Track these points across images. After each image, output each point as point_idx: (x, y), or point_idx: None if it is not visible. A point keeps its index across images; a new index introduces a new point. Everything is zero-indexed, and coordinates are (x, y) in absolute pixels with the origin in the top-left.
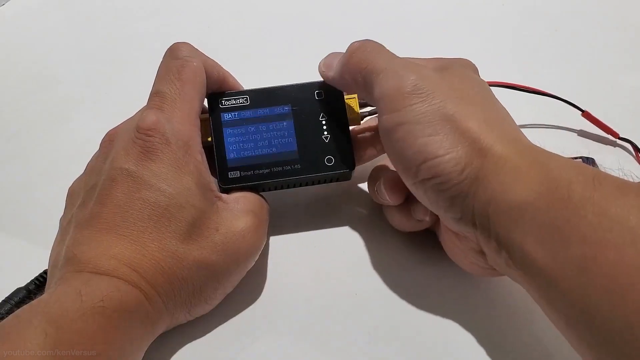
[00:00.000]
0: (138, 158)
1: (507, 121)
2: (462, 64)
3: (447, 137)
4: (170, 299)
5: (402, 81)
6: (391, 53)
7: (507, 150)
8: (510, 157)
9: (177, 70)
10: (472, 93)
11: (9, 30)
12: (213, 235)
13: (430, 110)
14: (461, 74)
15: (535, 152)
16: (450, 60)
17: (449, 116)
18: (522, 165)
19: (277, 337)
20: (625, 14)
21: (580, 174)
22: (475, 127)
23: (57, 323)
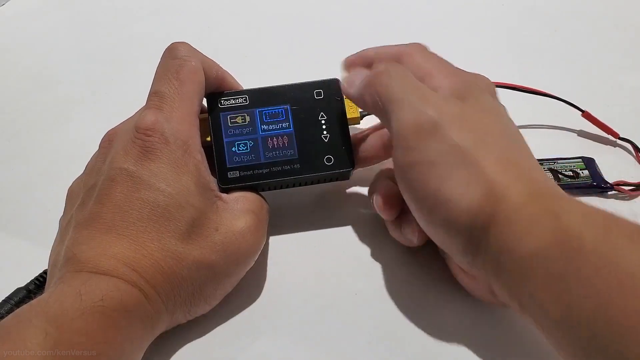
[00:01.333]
0: (137, 158)
1: (524, 155)
2: (481, 87)
3: (462, 180)
4: (170, 298)
5: (419, 117)
6: (414, 82)
7: (521, 197)
8: (524, 204)
9: (175, 70)
10: (491, 127)
11: (9, 30)
12: (213, 235)
13: (446, 150)
14: (481, 104)
15: (548, 195)
16: (469, 83)
17: (466, 157)
18: (534, 214)
19: (277, 337)
20: (625, 14)
21: (591, 223)
22: (492, 168)
23: (57, 322)
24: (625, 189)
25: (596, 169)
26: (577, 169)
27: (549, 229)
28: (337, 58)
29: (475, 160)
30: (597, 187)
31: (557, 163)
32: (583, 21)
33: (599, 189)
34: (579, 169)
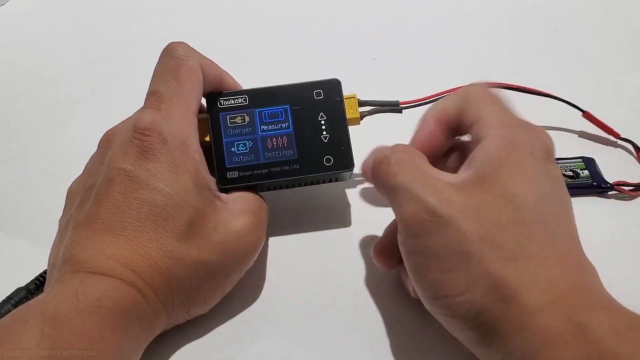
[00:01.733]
0: (135, 158)
1: (550, 253)
2: (521, 150)
3: (462, 277)
4: (168, 298)
5: (419, 206)
6: (418, 162)
7: (536, 302)
8: (539, 310)
9: (173, 70)
10: (509, 217)
11: (9, 30)
12: (211, 234)
13: (445, 244)
14: (508, 184)
15: (573, 299)
16: (509, 146)
17: (467, 253)
18: (553, 325)
19: (276, 337)
20: (625, 14)
21: (626, 342)
22: (498, 268)
23: (54, 322)
24: (625, 189)
25: (596, 169)
26: (577, 169)
27: (574, 347)
28: (337, 58)
29: (480, 257)
30: (597, 187)
31: (557, 163)
32: (583, 21)
33: (599, 189)
34: (579, 169)
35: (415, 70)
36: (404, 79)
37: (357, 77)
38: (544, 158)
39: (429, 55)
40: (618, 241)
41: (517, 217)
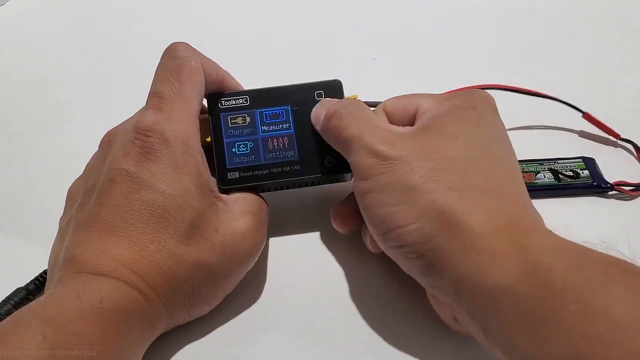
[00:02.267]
0: (137, 158)
1: (494, 185)
2: (463, 106)
3: (411, 208)
4: (170, 299)
5: (369, 150)
6: (367, 115)
7: (481, 226)
8: (484, 234)
9: (175, 71)
10: (454, 153)
11: (9, 30)
12: (212, 236)
13: (394, 180)
14: (451, 128)
15: (517, 227)
16: (451, 105)
17: (414, 186)
18: (498, 246)
19: (277, 338)
20: (625, 14)
21: (562, 258)
22: (444, 197)
23: (55, 324)
24: (625, 189)
25: (596, 169)
26: (577, 169)
27: (516, 263)
28: (337, 58)
29: (425, 190)
30: (597, 187)
31: (558, 163)
32: (583, 21)
33: (599, 189)
34: (580, 169)
35: (415, 70)
36: (404, 79)
37: (357, 77)
38: (486, 110)
39: (429, 55)
40: (618, 241)
41: (462, 152)
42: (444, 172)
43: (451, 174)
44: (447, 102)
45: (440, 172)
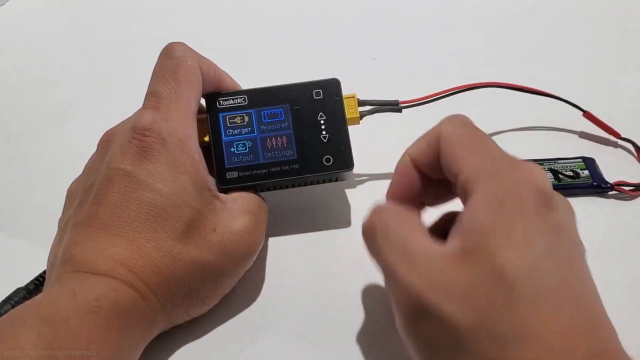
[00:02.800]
0: (134, 158)
1: (554, 325)
2: (512, 209)
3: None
4: (167, 299)
5: (408, 293)
6: (403, 237)
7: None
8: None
9: (172, 70)
10: (502, 295)
11: (9, 30)
12: (210, 235)
13: (440, 334)
14: (495, 254)
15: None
16: (494, 215)
17: (464, 345)
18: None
19: (276, 337)
20: (625, 14)
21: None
22: (498, 354)
23: (51, 323)
24: (625, 189)
25: (596, 169)
26: (577, 169)
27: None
28: (337, 58)
29: (476, 346)
30: (597, 187)
31: (558, 163)
32: (583, 21)
33: (599, 189)
34: (580, 169)
35: (415, 70)
36: (404, 79)
37: (357, 77)
38: (537, 207)
39: (429, 55)
40: (618, 241)
41: (511, 296)
42: (493, 324)
43: (502, 327)
44: (490, 192)
45: (489, 326)
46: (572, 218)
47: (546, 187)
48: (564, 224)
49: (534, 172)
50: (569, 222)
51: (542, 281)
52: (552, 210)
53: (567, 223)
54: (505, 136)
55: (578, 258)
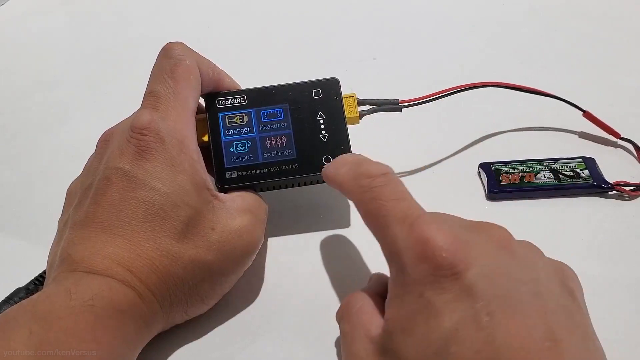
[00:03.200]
0: (133, 157)
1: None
2: (410, 304)
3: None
4: (166, 298)
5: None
6: (360, 318)
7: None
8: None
9: (170, 70)
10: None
11: (9, 30)
12: (209, 234)
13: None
14: (400, 353)
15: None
16: (397, 311)
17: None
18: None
19: (276, 337)
20: (625, 14)
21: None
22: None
23: (44, 321)
24: (625, 189)
25: (597, 169)
26: (577, 169)
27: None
28: (337, 58)
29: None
30: (597, 187)
31: (558, 163)
32: (583, 21)
33: (600, 189)
34: (580, 169)
35: (415, 70)
36: (404, 79)
37: (357, 77)
38: (433, 284)
39: (429, 55)
40: (618, 241)
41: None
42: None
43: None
44: (396, 287)
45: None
46: (485, 276)
47: (445, 248)
48: (474, 284)
49: (430, 237)
50: (483, 280)
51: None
52: (458, 275)
53: (478, 282)
54: (505, 136)
55: (493, 316)
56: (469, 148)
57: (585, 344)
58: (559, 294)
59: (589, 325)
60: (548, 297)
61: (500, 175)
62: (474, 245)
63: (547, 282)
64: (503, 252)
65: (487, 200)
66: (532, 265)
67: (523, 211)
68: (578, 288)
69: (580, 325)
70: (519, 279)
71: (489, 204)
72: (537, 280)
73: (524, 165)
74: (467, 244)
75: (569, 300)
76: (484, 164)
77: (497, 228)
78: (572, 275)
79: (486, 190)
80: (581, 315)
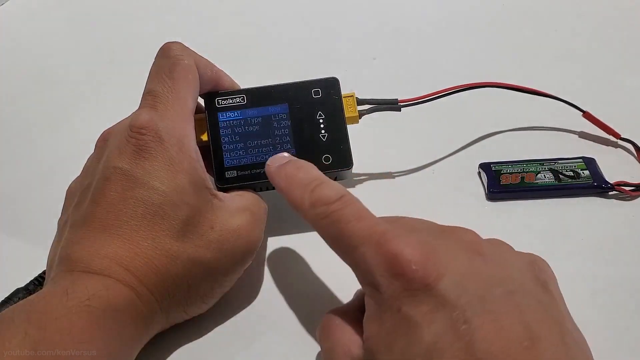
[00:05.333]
0: (131, 157)
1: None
2: (382, 319)
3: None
4: (165, 298)
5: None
6: (335, 344)
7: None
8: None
9: (168, 69)
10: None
11: (9, 30)
12: (208, 232)
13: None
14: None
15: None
16: (374, 330)
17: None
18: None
19: (275, 337)
20: (625, 14)
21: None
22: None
23: (40, 322)
24: (626, 189)
25: (597, 169)
26: (577, 169)
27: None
28: (337, 58)
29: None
30: (597, 187)
31: (558, 163)
32: (583, 21)
33: (600, 189)
34: (580, 169)
35: (415, 70)
36: (404, 79)
37: (357, 77)
38: (408, 298)
39: (429, 55)
40: (618, 241)
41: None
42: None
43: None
44: (385, 293)
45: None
46: (457, 283)
47: (415, 260)
48: (447, 293)
49: (397, 252)
50: (456, 287)
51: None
52: (431, 286)
53: (451, 291)
54: (505, 136)
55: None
56: (469, 148)
57: (563, 338)
58: (533, 289)
59: (566, 317)
60: (522, 294)
61: (501, 175)
62: (443, 252)
63: (520, 278)
64: (473, 255)
65: (487, 200)
66: (503, 263)
67: (523, 211)
68: (551, 279)
69: (558, 320)
70: (491, 281)
71: (489, 204)
72: (510, 279)
73: (524, 165)
74: (435, 253)
75: (544, 295)
76: (484, 164)
77: (464, 231)
78: (544, 267)
79: (486, 190)
80: (557, 309)
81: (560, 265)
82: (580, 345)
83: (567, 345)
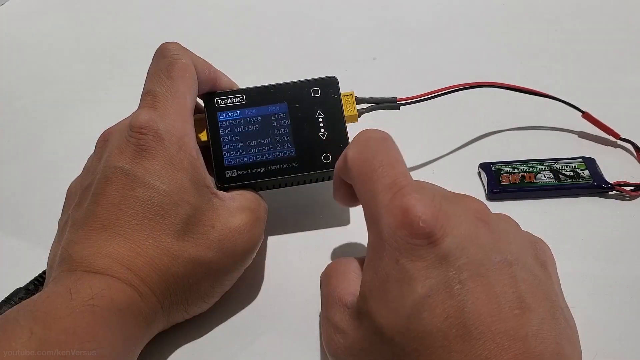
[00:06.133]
0: (132, 156)
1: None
2: (384, 268)
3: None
4: (166, 297)
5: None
6: (335, 296)
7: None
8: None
9: (166, 69)
10: (384, 355)
11: (9, 30)
12: (209, 231)
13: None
14: (374, 315)
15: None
16: (372, 275)
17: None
18: None
19: (276, 337)
20: (625, 14)
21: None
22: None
23: (44, 322)
24: (626, 190)
25: (597, 169)
26: (577, 169)
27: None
28: (337, 57)
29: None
30: (597, 187)
31: (558, 163)
32: (583, 21)
33: (600, 189)
34: (580, 169)
35: (415, 70)
36: (403, 79)
37: (357, 77)
38: (412, 250)
39: (428, 55)
40: (618, 241)
41: (392, 352)
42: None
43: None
44: (388, 242)
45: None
46: (459, 246)
47: (423, 218)
48: (448, 253)
49: (409, 206)
50: (457, 249)
51: (423, 330)
52: (434, 244)
53: (452, 251)
54: (505, 136)
55: (473, 280)
56: (469, 148)
57: (554, 314)
58: (531, 265)
59: (559, 295)
60: (520, 267)
61: (501, 175)
62: (452, 215)
63: (519, 252)
64: (479, 222)
65: (487, 200)
66: (506, 236)
67: (523, 211)
68: (551, 261)
69: (550, 296)
70: (492, 249)
71: (489, 204)
72: (510, 251)
73: (524, 165)
74: (445, 214)
75: (540, 272)
76: (484, 164)
77: (475, 200)
78: (545, 249)
79: (486, 190)
80: (551, 287)
81: (560, 265)
82: (569, 324)
83: (557, 321)
